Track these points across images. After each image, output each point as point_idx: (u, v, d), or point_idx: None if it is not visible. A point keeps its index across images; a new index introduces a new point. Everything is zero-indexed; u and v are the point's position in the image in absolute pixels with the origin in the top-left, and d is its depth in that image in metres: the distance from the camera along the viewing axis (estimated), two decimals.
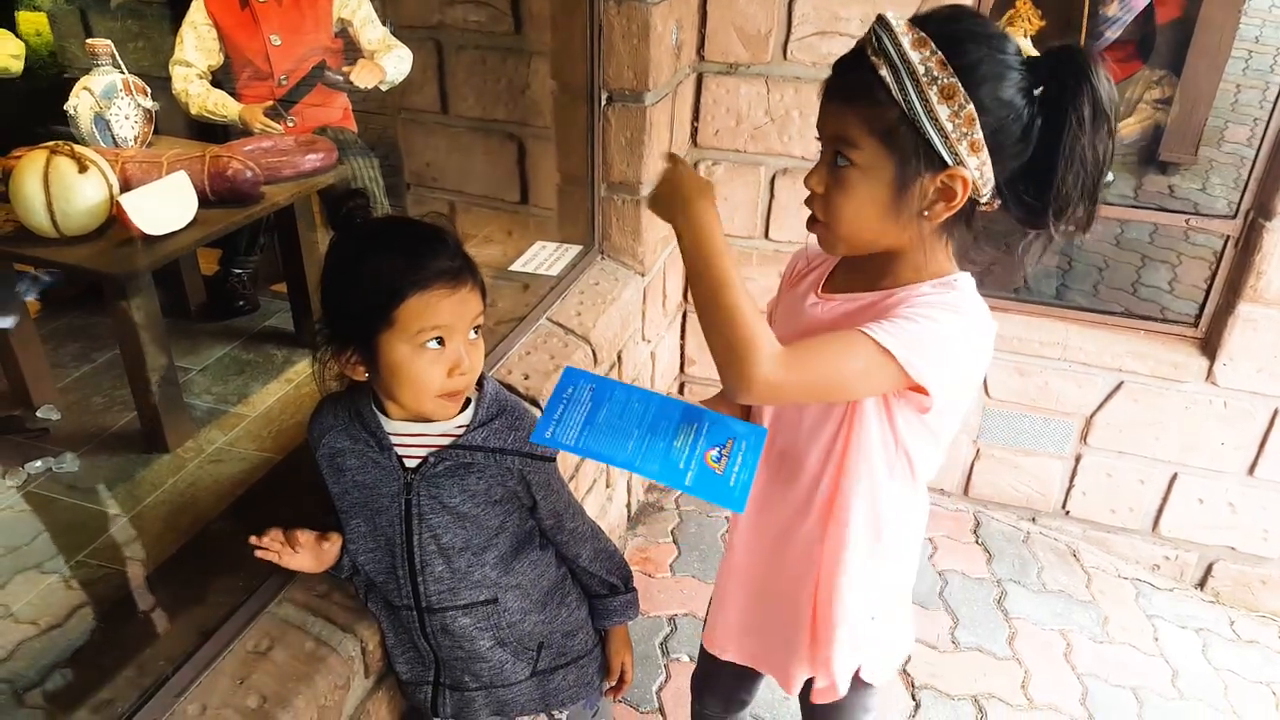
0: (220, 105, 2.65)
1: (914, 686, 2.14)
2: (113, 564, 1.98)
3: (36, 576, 1.92)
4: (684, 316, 2.72)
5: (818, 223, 1.06)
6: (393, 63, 2.67)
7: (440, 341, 1.10)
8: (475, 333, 1.14)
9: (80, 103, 2.29)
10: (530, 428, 1.22)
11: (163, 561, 1.98)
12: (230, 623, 1.27)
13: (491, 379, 1.25)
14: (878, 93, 0.95)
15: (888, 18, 0.96)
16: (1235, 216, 2.28)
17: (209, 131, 2.74)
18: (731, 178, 2.45)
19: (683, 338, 2.76)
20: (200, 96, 2.64)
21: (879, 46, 0.95)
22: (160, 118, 2.49)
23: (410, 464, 1.19)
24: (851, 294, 1.12)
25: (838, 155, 1.00)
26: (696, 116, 2.43)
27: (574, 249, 2.29)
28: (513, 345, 1.95)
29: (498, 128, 2.40)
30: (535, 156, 2.40)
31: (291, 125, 2.70)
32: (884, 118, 0.96)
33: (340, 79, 2.72)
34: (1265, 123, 2.19)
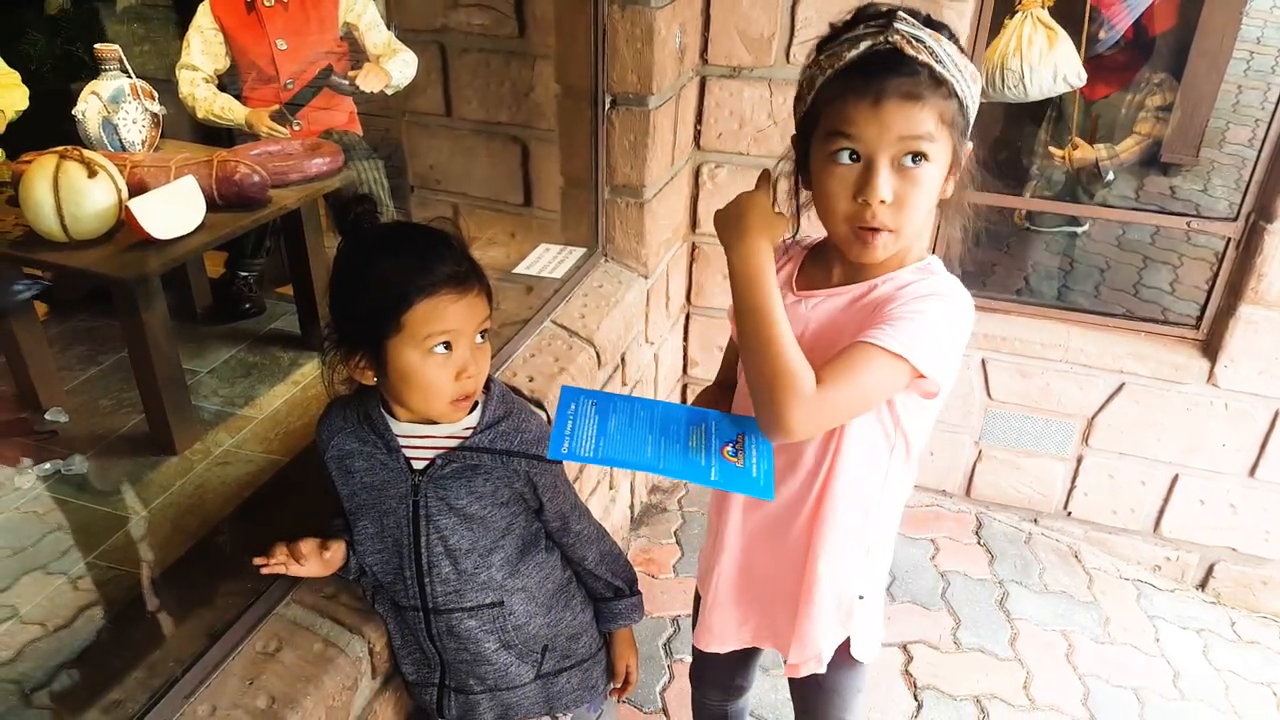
0: (227, 109, 2.66)
1: (916, 687, 2.15)
2: (121, 565, 1.99)
3: (44, 578, 1.93)
4: (686, 319, 2.73)
5: (879, 233, 1.03)
6: (398, 66, 2.68)
7: (448, 346, 1.11)
8: (482, 337, 1.15)
9: (88, 107, 2.30)
10: (537, 429, 1.24)
11: (171, 563, 1.99)
12: (239, 624, 1.28)
13: (498, 381, 1.26)
14: (938, 86, 0.99)
15: (903, 14, 1.00)
16: (1236, 219, 2.29)
17: (215, 136, 2.76)
18: (734, 180, 2.46)
19: (685, 340, 2.77)
20: (207, 100, 2.65)
21: (917, 41, 0.98)
22: (166, 122, 2.51)
23: (418, 466, 1.20)
24: (833, 289, 1.14)
25: (911, 155, 1.01)
26: (700, 119, 2.44)
27: (577, 251, 2.30)
28: (517, 348, 1.96)
29: (501, 130, 2.41)
30: (539, 159, 2.41)
31: (297, 129, 2.71)
32: (949, 107, 1.01)
33: (346, 83, 2.73)
34: (1267, 124, 2.20)
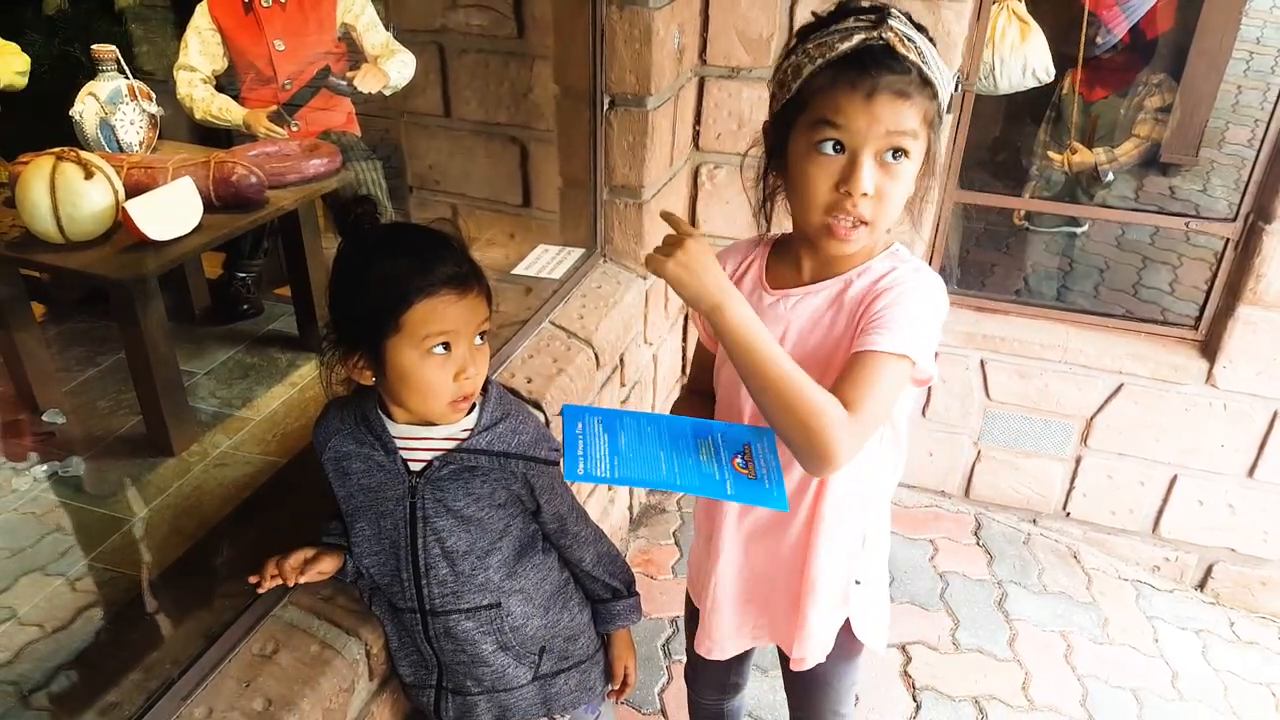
0: (224, 110, 2.66)
1: (915, 688, 2.15)
2: (118, 567, 1.99)
3: (42, 579, 1.93)
4: (685, 319, 2.73)
5: (856, 226, 1.05)
6: (396, 67, 2.68)
7: (447, 347, 1.11)
8: (481, 338, 1.15)
9: (85, 108, 2.30)
10: (534, 431, 1.24)
11: (168, 565, 1.99)
12: (236, 626, 1.27)
13: (496, 383, 1.26)
14: (924, 86, 1.01)
15: (895, 11, 1.01)
16: (1235, 219, 2.29)
17: (214, 136, 2.75)
18: (733, 181, 2.46)
19: (684, 341, 2.77)
20: (205, 101, 2.65)
21: (908, 40, 1.00)
22: (164, 123, 2.50)
23: (415, 467, 1.20)
24: (808, 286, 1.14)
25: (893, 151, 1.02)
26: (698, 120, 2.44)
27: (576, 252, 2.30)
28: (515, 349, 1.96)
29: (500, 131, 2.41)
30: (538, 160, 2.41)
31: (295, 130, 2.71)
32: (931, 108, 1.02)
33: (344, 84, 2.73)
34: (1265, 124, 2.20)
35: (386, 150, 2.90)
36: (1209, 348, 2.38)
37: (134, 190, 2.12)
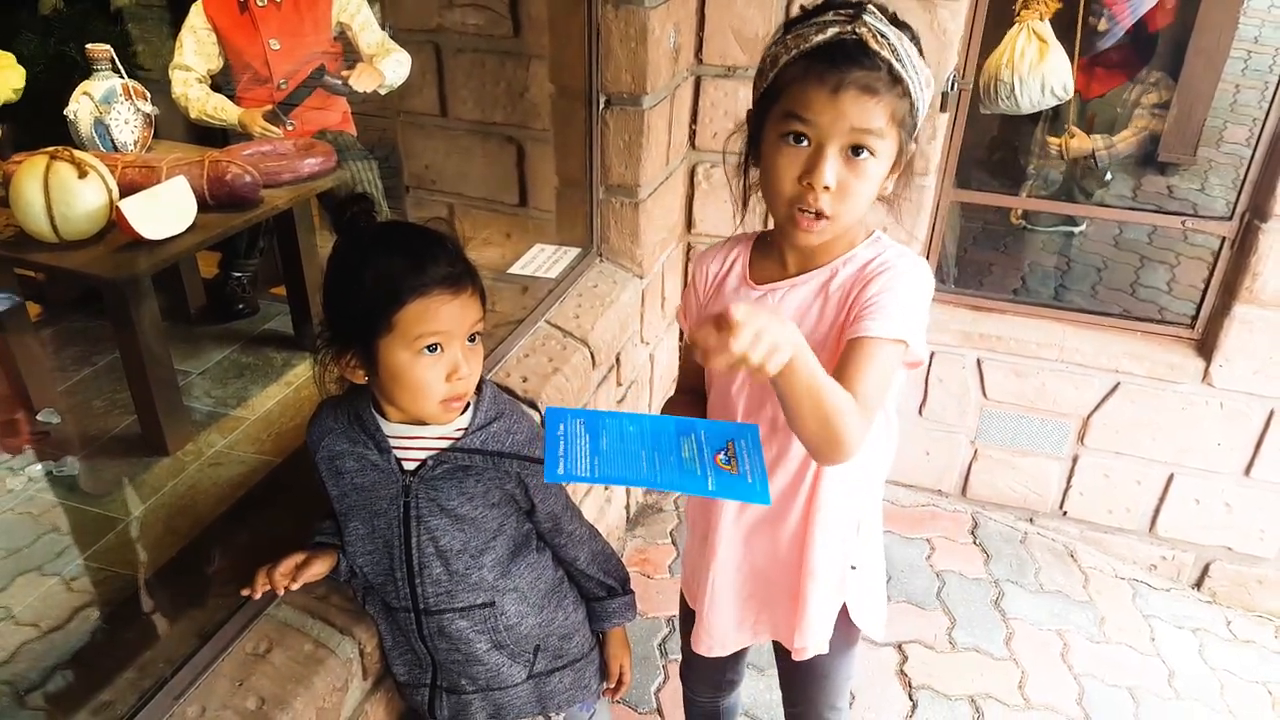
0: (219, 109, 2.65)
1: (911, 687, 2.15)
2: (113, 566, 1.99)
3: (37, 579, 1.92)
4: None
5: (818, 219, 1.06)
6: (391, 66, 2.67)
7: (439, 347, 1.10)
8: (474, 339, 1.15)
9: (80, 108, 2.30)
10: (529, 430, 1.24)
11: (162, 564, 1.98)
12: (229, 625, 1.27)
13: (490, 382, 1.26)
14: (894, 84, 1.01)
15: (873, 7, 1.01)
16: (1231, 218, 2.29)
17: (208, 136, 2.75)
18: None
19: (680, 340, 2.77)
20: (200, 101, 2.64)
21: (881, 36, 0.99)
22: (159, 122, 2.50)
23: (409, 466, 1.20)
24: (794, 278, 1.15)
25: (856, 148, 1.02)
26: (695, 119, 2.43)
27: (572, 251, 2.30)
28: (511, 347, 1.96)
29: (497, 130, 2.41)
30: (534, 159, 2.41)
31: (291, 129, 2.70)
32: (901, 106, 1.02)
33: (339, 83, 2.72)
34: (1262, 123, 2.20)
35: (383, 150, 2.89)
36: (1205, 346, 2.38)
37: (128, 189, 2.11)
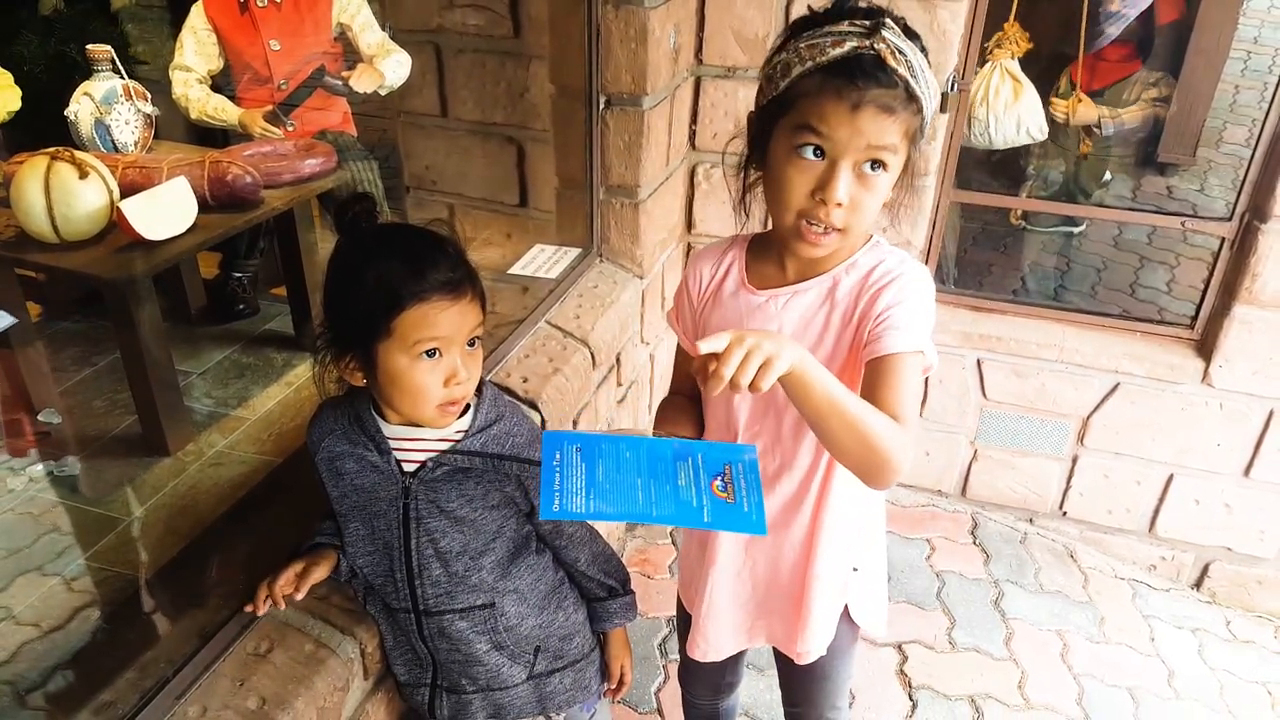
0: (220, 110, 2.66)
1: (911, 687, 2.15)
2: (114, 566, 1.99)
3: (38, 579, 1.92)
4: None
5: (827, 233, 1.05)
6: (391, 67, 2.67)
7: (437, 352, 1.10)
8: (474, 343, 1.15)
9: (80, 108, 2.29)
10: (529, 433, 1.24)
11: (163, 564, 1.98)
12: (230, 625, 1.27)
13: (491, 384, 1.26)
14: (910, 102, 1.00)
15: (889, 20, 1.00)
16: (1231, 219, 2.29)
17: (209, 136, 2.75)
18: (731, 181, 2.46)
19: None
20: (200, 101, 2.64)
21: (899, 54, 0.98)
22: (160, 123, 2.50)
23: (409, 468, 1.20)
24: (796, 285, 1.15)
25: (872, 163, 1.02)
26: (695, 120, 2.43)
27: (573, 252, 2.30)
28: (512, 348, 1.96)
29: (497, 131, 2.41)
30: (534, 160, 2.41)
31: (291, 130, 2.70)
32: (914, 123, 1.02)
33: (339, 84, 2.72)
34: (1261, 124, 2.20)
35: (383, 150, 2.89)
36: (1205, 347, 2.38)
37: (129, 190, 2.11)
